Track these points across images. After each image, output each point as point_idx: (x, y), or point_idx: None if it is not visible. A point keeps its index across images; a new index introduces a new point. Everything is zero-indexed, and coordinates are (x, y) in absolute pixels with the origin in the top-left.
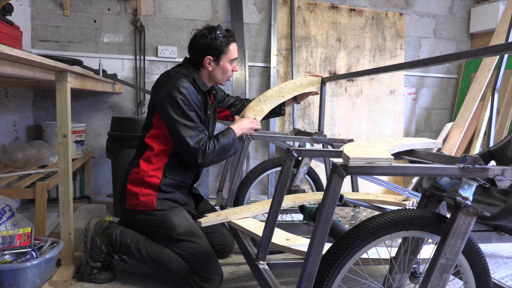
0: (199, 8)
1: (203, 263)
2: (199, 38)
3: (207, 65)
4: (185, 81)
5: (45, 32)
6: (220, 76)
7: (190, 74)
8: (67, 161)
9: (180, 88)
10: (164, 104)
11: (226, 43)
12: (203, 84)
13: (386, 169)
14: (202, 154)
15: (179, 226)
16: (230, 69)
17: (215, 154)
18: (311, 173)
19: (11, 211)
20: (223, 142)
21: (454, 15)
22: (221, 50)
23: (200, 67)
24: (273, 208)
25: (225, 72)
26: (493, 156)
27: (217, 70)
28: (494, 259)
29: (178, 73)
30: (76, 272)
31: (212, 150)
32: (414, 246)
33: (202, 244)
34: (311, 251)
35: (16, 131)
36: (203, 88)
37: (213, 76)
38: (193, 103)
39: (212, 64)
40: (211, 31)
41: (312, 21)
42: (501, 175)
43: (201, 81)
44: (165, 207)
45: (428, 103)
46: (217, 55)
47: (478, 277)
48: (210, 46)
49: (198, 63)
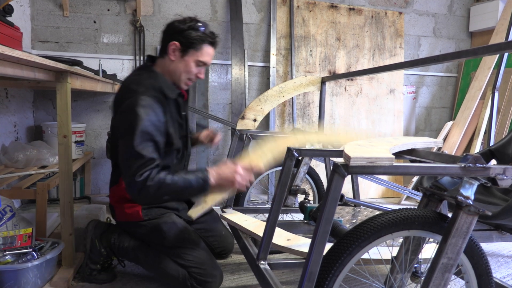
0: (198, 8)
1: (199, 267)
2: (178, 22)
3: (170, 52)
4: (144, 98)
5: (45, 33)
6: (179, 72)
7: (155, 82)
8: (67, 161)
9: (137, 110)
10: (121, 129)
11: (201, 40)
12: (172, 89)
13: (387, 169)
14: (141, 185)
15: (169, 234)
16: (194, 71)
17: (162, 191)
18: (311, 172)
19: (12, 211)
20: (180, 181)
21: (453, 14)
22: (192, 43)
23: (164, 55)
24: (274, 207)
25: (186, 70)
26: (494, 155)
27: (179, 64)
28: (495, 258)
29: (139, 86)
30: (77, 273)
31: (158, 184)
32: (415, 245)
33: (195, 249)
34: (312, 251)
35: (17, 131)
36: (172, 94)
37: (173, 71)
38: (150, 127)
39: (177, 53)
40: (193, 21)
41: (312, 20)
42: (502, 174)
43: (169, 86)
44: (152, 215)
45: (428, 102)
46: (186, 45)
47: (479, 277)
48: (184, 33)
49: (163, 49)
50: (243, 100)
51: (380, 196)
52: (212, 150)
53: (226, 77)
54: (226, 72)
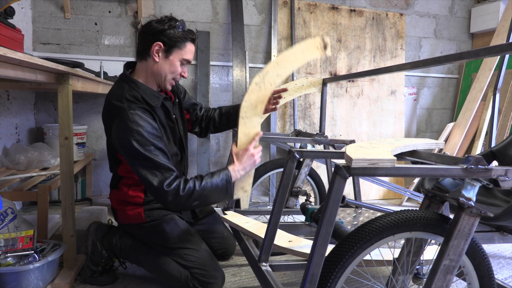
0: (199, 9)
1: (201, 268)
2: (156, 22)
3: (154, 54)
4: (133, 113)
5: (46, 34)
6: (164, 73)
7: (136, 92)
8: (69, 163)
9: (132, 127)
10: (121, 147)
11: (184, 38)
12: (154, 96)
13: (388, 170)
14: (173, 195)
15: (171, 235)
16: (179, 70)
17: (193, 198)
18: (313, 174)
19: (13, 213)
20: (208, 185)
21: (454, 15)
22: (176, 42)
23: (147, 57)
24: (276, 209)
25: (172, 70)
26: (495, 156)
27: (164, 64)
28: (497, 259)
29: (122, 101)
30: (79, 274)
31: (189, 193)
32: (417, 247)
33: (198, 250)
34: (314, 252)
35: (18, 133)
36: (155, 103)
37: (157, 72)
38: (150, 138)
39: (161, 54)
40: (172, 20)
41: (313, 22)
42: (504, 175)
43: (150, 94)
44: (155, 217)
45: (429, 103)
46: (169, 45)
47: (481, 278)
48: (165, 33)
49: (146, 51)
50: None
51: (382, 197)
52: (213, 151)
53: (227, 79)
54: (227, 73)
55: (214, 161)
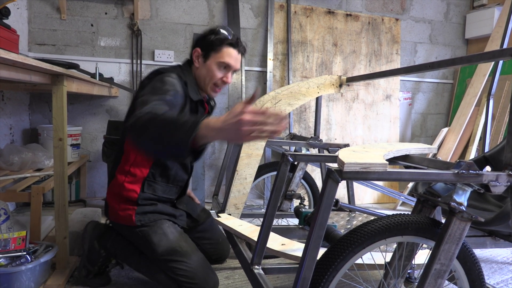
0: (196, 12)
1: (190, 281)
2: (207, 30)
3: (194, 59)
4: (175, 77)
5: (42, 35)
6: (203, 78)
7: (185, 76)
8: (63, 164)
9: (165, 79)
10: (141, 89)
11: (220, 42)
12: (195, 91)
13: (380, 174)
14: (134, 117)
15: (158, 246)
16: (217, 75)
17: (145, 118)
18: (307, 177)
19: (6, 214)
20: (168, 115)
21: (449, 21)
22: (212, 46)
23: (191, 64)
24: (269, 212)
25: (209, 74)
26: (488, 161)
27: (202, 69)
28: (489, 264)
29: (168, 71)
30: (71, 276)
31: (144, 112)
32: (409, 251)
33: (186, 261)
34: (305, 256)
35: (12, 134)
36: (194, 96)
37: (198, 77)
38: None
39: (200, 60)
40: (217, 27)
41: (309, 26)
42: (495, 180)
43: (193, 87)
44: (146, 221)
45: (424, 108)
46: (206, 49)
47: (472, 282)
48: (205, 38)
49: (191, 58)
50: None
51: (376, 201)
52: (208, 154)
53: None
54: None
55: (209, 164)
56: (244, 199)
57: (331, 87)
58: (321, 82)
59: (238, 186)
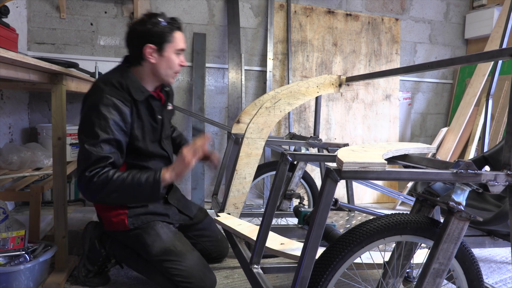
0: (195, 12)
1: (186, 281)
2: (138, 25)
3: (148, 57)
4: (109, 98)
5: (41, 34)
6: (165, 70)
7: (124, 81)
8: (62, 163)
9: (101, 110)
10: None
11: (170, 30)
12: (139, 91)
13: (379, 174)
14: (87, 181)
15: (152, 247)
16: (177, 62)
17: (109, 188)
18: (307, 177)
19: (5, 213)
20: (129, 179)
21: (449, 21)
22: (164, 38)
23: (142, 61)
24: (268, 212)
25: (170, 65)
26: (487, 161)
27: (161, 63)
28: (488, 264)
29: (107, 84)
30: (70, 276)
31: (104, 182)
32: (407, 250)
33: (182, 261)
34: (304, 255)
35: (11, 133)
36: (139, 97)
37: (157, 71)
38: (113, 126)
39: (155, 54)
40: (152, 17)
41: (309, 25)
42: (493, 180)
43: (137, 87)
44: (139, 224)
45: (423, 108)
46: (159, 43)
47: (471, 282)
48: (150, 32)
49: (139, 56)
50: (239, 104)
51: (375, 201)
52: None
53: (223, 81)
54: (223, 76)
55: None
56: (244, 199)
57: (330, 86)
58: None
59: (237, 185)
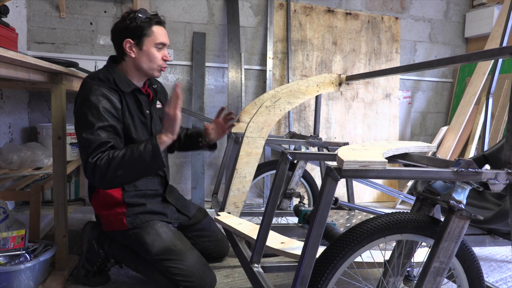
0: (195, 11)
1: (186, 280)
2: (119, 22)
3: (128, 51)
4: (97, 88)
5: (41, 34)
6: (147, 64)
7: (110, 75)
8: (62, 163)
9: (91, 100)
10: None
11: (148, 24)
12: (125, 83)
13: (379, 173)
14: (92, 166)
15: (152, 247)
16: (159, 56)
17: (113, 166)
18: (307, 176)
19: (5, 213)
20: (128, 152)
21: (449, 20)
22: (142, 31)
23: (124, 56)
24: (268, 211)
25: (151, 59)
26: (488, 160)
27: (141, 57)
28: (489, 262)
29: (94, 79)
30: (70, 275)
31: (107, 162)
32: (408, 249)
33: (182, 260)
34: (305, 254)
35: (11, 133)
36: (125, 88)
37: (138, 65)
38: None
39: (134, 49)
40: (131, 13)
41: (308, 24)
42: (494, 178)
43: (123, 80)
44: (137, 223)
45: (423, 107)
46: (137, 37)
47: (471, 280)
48: (129, 27)
49: (121, 52)
50: (239, 103)
51: (375, 200)
52: (208, 153)
53: (223, 80)
54: (223, 75)
55: (208, 162)
56: (244, 198)
57: (330, 85)
58: (320, 81)
59: (237, 184)
